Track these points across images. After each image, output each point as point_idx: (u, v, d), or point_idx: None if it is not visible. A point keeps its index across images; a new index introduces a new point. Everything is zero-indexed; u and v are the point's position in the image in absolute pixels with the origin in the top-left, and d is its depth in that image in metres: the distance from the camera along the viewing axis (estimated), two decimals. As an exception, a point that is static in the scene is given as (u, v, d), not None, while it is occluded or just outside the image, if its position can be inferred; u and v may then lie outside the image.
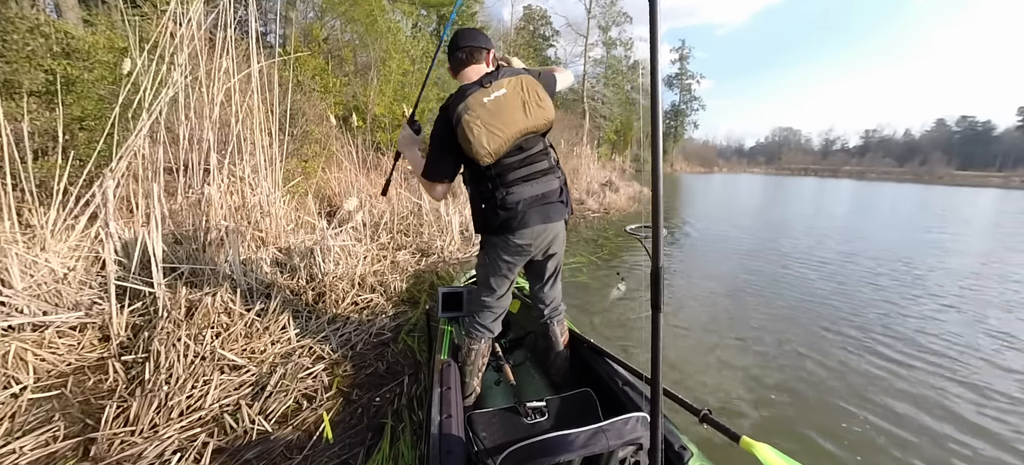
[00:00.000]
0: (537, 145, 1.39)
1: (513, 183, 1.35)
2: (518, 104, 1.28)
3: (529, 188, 1.36)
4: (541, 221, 1.38)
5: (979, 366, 2.54)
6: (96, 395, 1.78)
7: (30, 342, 1.98)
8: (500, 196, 1.34)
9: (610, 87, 27.07)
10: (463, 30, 1.44)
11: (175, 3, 2.50)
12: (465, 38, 1.40)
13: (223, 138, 2.98)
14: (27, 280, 2.28)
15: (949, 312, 3.53)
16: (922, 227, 8.68)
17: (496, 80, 1.29)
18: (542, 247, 1.44)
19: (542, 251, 1.46)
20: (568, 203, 1.47)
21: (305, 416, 1.69)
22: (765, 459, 0.81)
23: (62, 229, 2.58)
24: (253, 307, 2.34)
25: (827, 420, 1.95)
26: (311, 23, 6.99)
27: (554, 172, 1.43)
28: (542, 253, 1.47)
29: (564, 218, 1.46)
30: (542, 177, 1.39)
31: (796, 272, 4.69)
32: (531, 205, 1.36)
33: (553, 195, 1.40)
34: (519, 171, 1.36)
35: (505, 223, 1.36)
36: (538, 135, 1.39)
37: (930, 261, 5.44)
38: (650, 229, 0.72)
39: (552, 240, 1.45)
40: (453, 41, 1.42)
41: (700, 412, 1.00)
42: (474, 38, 1.41)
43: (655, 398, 0.76)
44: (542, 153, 1.40)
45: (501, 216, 1.35)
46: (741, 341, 2.80)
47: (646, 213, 0.72)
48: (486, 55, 1.41)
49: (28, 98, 2.54)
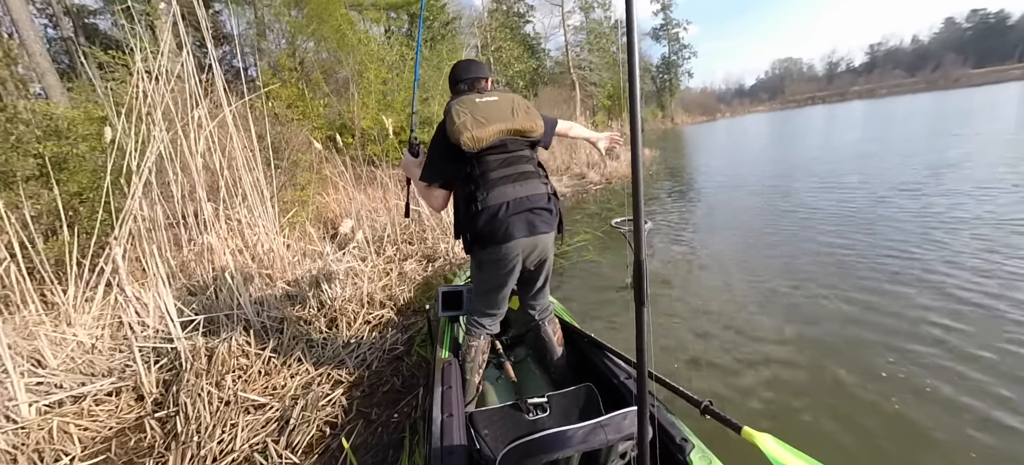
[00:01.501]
0: (522, 149, 1.43)
1: (495, 183, 1.35)
2: (507, 107, 1.39)
3: (512, 190, 1.35)
4: (527, 233, 1.36)
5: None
6: (138, 454, 1.89)
7: (71, 414, 2.10)
8: (482, 197, 1.34)
9: (595, 52, 26.32)
10: (461, 63, 1.56)
11: (140, 63, 2.53)
12: (464, 71, 1.53)
13: (213, 185, 3.04)
14: (60, 356, 2.41)
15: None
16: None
17: (491, 92, 1.45)
18: (533, 260, 1.44)
19: (533, 262, 1.45)
20: (556, 214, 1.44)
21: (329, 442, 1.76)
22: (767, 449, 0.81)
23: (83, 301, 2.70)
24: (268, 344, 2.42)
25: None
26: (282, 52, 6.98)
27: (539, 177, 1.43)
28: (534, 264, 1.46)
29: (552, 230, 1.43)
30: (526, 180, 1.39)
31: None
32: (514, 212, 1.34)
33: (539, 200, 1.38)
34: (502, 170, 1.37)
35: (488, 232, 1.34)
36: (524, 141, 1.43)
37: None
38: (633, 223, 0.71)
39: (541, 250, 1.43)
40: (453, 74, 1.55)
41: (701, 404, 1.00)
42: (472, 70, 1.53)
43: (641, 392, 0.75)
44: (527, 158, 1.43)
45: (483, 221, 1.34)
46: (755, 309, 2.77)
47: (644, 201, 0.71)
48: (484, 83, 1.53)
49: (25, 184, 2.63)
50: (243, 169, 2.99)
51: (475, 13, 20.50)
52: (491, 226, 1.34)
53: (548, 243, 1.45)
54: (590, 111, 21.10)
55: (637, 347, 0.74)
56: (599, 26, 27.28)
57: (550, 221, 1.42)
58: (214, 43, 3.06)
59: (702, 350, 2.23)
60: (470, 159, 1.37)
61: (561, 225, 1.49)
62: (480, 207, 1.34)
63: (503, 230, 1.33)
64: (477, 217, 1.35)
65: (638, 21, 0.70)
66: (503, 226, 1.33)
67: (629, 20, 0.65)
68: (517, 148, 1.41)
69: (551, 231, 1.44)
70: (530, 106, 1.44)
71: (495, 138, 1.34)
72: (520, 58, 19.42)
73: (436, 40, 11.47)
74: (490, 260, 1.40)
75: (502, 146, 1.37)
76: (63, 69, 7.21)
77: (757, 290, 2.90)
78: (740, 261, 3.51)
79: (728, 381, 1.96)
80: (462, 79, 1.51)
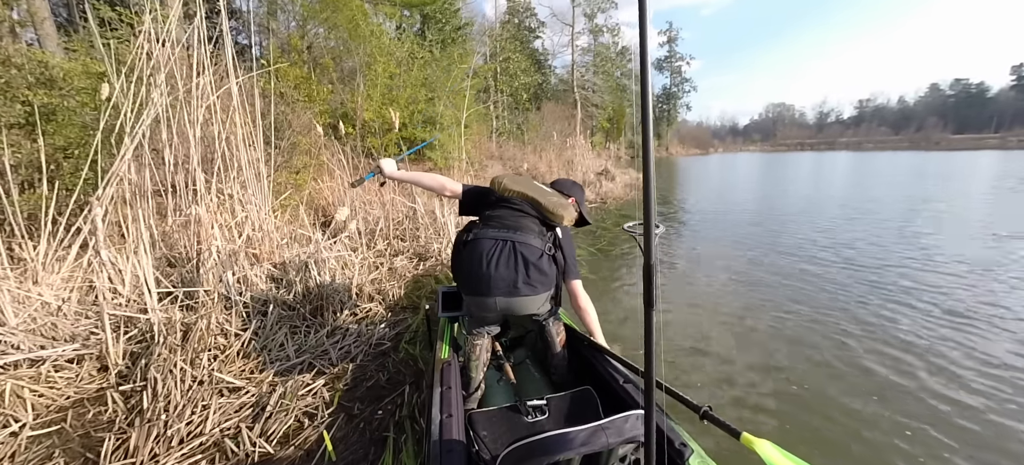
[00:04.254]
0: (533, 211, 1.46)
1: (490, 220, 1.42)
2: (535, 187, 1.51)
3: (504, 232, 1.37)
4: (506, 293, 1.31)
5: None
6: (96, 428, 1.76)
7: (27, 378, 1.97)
8: (474, 232, 1.40)
9: (600, 75, 26.87)
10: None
11: (149, 23, 2.46)
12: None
13: (209, 156, 2.95)
14: (21, 315, 2.26)
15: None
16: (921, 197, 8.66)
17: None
18: (517, 315, 1.40)
19: (516, 315, 1.41)
20: (548, 273, 1.36)
21: (307, 434, 1.68)
22: (765, 455, 0.79)
23: (53, 261, 2.55)
24: (250, 326, 2.32)
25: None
26: (292, 34, 6.91)
27: (536, 230, 1.41)
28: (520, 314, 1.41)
29: (541, 292, 1.36)
30: (521, 220, 1.41)
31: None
32: (497, 260, 1.32)
33: (529, 253, 1.33)
34: (502, 211, 1.43)
35: (471, 275, 1.35)
36: (540, 213, 1.45)
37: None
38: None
39: (526, 307, 1.37)
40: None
41: (700, 409, 0.99)
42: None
43: (649, 396, 0.74)
44: (533, 218, 1.44)
45: (465, 258, 1.38)
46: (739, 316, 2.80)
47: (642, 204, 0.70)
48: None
49: (8, 131, 2.50)
50: (242, 144, 2.91)
51: (488, 22, 20.79)
52: (472, 267, 1.37)
53: (537, 303, 1.38)
54: (590, 131, 21.40)
55: (646, 350, 0.73)
56: (606, 50, 27.92)
57: (540, 281, 1.35)
58: (227, 16, 3.00)
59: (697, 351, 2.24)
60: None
61: (556, 292, 1.44)
62: (469, 237, 1.42)
63: (485, 280, 1.34)
64: (464, 247, 1.43)
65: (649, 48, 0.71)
66: (486, 278, 1.34)
67: (642, 26, 0.66)
68: (528, 209, 1.46)
69: (541, 293, 1.36)
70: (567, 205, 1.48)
71: (514, 192, 1.46)
72: (527, 71, 19.68)
73: (447, 43, 11.54)
74: (474, 307, 1.44)
75: (520, 201, 1.46)
76: (61, 22, 6.98)
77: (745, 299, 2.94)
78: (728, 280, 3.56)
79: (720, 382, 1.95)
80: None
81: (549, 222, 1.46)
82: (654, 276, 0.71)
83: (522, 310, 1.37)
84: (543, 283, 1.35)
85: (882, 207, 7.38)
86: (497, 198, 1.48)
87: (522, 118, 18.05)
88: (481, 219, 1.48)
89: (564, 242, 1.48)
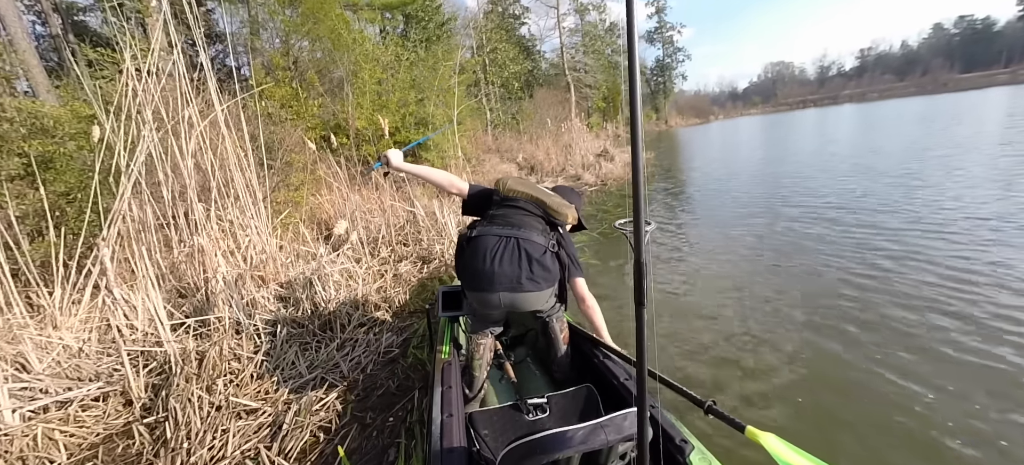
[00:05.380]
0: (537, 210, 1.48)
1: (494, 218, 1.43)
2: (539, 189, 1.54)
3: (509, 229, 1.38)
4: (509, 289, 1.32)
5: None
6: (126, 461, 1.84)
7: (57, 420, 2.05)
8: (478, 229, 1.42)
9: (590, 54, 26.41)
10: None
11: (129, 60, 2.48)
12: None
13: (206, 185, 2.99)
14: (45, 360, 2.35)
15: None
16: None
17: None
18: (520, 311, 1.40)
19: (520, 311, 1.41)
20: (551, 269, 1.37)
21: (322, 448, 1.74)
22: (771, 448, 0.79)
23: (69, 304, 2.63)
24: (261, 348, 2.39)
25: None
26: (275, 52, 6.91)
27: (539, 228, 1.43)
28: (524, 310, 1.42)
29: (545, 288, 1.36)
30: (525, 219, 1.43)
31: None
32: (501, 256, 1.33)
33: (532, 250, 1.35)
34: (506, 210, 1.45)
35: (474, 271, 1.36)
36: (544, 213, 1.48)
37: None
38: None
39: (529, 303, 1.38)
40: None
41: (704, 404, 0.98)
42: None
43: (641, 392, 0.75)
44: (537, 217, 1.46)
45: (468, 255, 1.39)
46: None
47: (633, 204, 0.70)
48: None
49: (9, 183, 2.57)
50: (235, 169, 2.94)
51: (470, 14, 20.50)
52: (475, 264, 1.38)
53: (539, 299, 1.39)
54: (585, 113, 21.16)
55: (637, 347, 0.74)
56: (594, 28, 27.39)
57: (543, 277, 1.36)
58: (206, 41, 3.01)
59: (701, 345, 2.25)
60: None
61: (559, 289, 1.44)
62: (472, 235, 1.42)
63: (487, 276, 1.35)
64: (466, 244, 1.43)
65: (636, 24, 0.70)
66: (487, 275, 1.35)
67: (629, 21, 0.65)
68: (532, 209, 1.48)
69: (542, 289, 1.37)
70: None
71: (519, 193, 1.50)
72: (516, 59, 19.42)
73: (431, 41, 11.43)
74: (476, 303, 1.45)
75: (524, 200, 1.49)
76: (51, 66, 7.07)
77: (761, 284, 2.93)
78: (736, 260, 3.54)
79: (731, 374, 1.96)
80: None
81: (554, 221, 1.48)
82: (645, 274, 0.71)
83: (525, 306, 1.37)
84: (546, 279, 1.37)
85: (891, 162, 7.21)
86: (501, 198, 1.51)
87: (516, 107, 17.87)
88: (485, 218, 1.50)
89: (566, 241, 1.50)
